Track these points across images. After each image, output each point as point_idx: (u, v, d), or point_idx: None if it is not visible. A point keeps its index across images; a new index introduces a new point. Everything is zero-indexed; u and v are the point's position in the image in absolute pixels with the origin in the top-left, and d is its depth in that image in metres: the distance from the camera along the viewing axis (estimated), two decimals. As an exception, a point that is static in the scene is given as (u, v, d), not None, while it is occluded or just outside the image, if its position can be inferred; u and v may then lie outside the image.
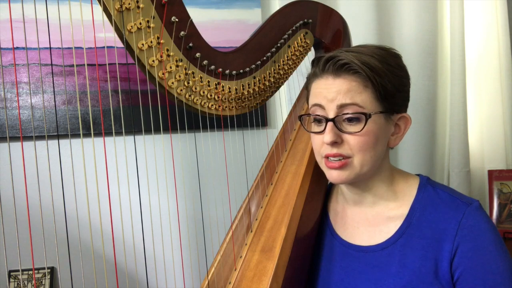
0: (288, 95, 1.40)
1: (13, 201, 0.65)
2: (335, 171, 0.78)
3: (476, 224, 0.73)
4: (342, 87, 0.75)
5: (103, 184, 0.77)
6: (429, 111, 1.58)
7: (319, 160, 0.82)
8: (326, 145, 0.77)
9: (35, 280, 1.22)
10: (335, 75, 0.77)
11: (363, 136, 0.75)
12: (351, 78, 0.75)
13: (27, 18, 1.11)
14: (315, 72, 0.81)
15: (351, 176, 0.77)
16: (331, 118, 0.76)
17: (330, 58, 0.77)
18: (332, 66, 0.77)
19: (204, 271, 0.89)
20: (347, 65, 0.75)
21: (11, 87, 1.25)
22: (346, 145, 0.76)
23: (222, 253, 0.90)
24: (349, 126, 0.76)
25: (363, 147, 0.76)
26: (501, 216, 1.52)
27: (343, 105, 0.75)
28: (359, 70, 0.74)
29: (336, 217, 0.90)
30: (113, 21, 0.72)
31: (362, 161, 0.76)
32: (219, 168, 1.03)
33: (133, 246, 0.80)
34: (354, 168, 0.77)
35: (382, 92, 0.75)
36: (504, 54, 1.59)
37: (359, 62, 0.74)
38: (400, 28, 1.55)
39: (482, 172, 1.65)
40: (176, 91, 0.83)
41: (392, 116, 0.79)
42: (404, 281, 0.74)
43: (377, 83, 0.74)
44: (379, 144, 0.78)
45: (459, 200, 0.76)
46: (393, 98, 0.77)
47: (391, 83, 0.76)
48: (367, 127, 0.75)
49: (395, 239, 0.78)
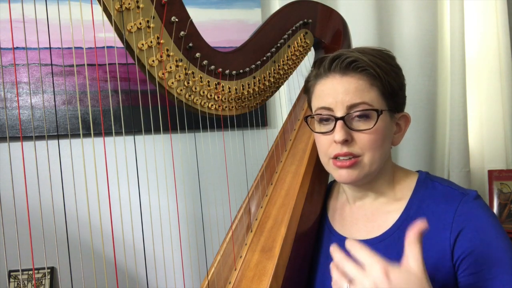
0: (288, 95, 1.40)
1: (13, 201, 0.65)
2: (344, 171, 0.77)
3: (472, 209, 0.73)
4: (350, 85, 0.76)
5: (103, 184, 0.77)
6: (429, 111, 1.58)
7: (325, 162, 0.82)
8: (335, 144, 0.77)
9: (35, 280, 1.22)
10: (342, 74, 0.77)
11: (373, 134, 0.75)
12: (358, 76, 0.76)
13: (27, 18, 1.11)
14: (319, 73, 0.81)
15: (361, 175, 0.77)
16: (340, 117, 0.76)
17: (336, 57, 0.78)
18: (340, 65, 0.77)
19: (204, 271, 0.89)
20: (355, 62, 0.76)
21: (11, 87, 1.25)
22: (356, 144, 0.76)
23: (222, 253, 0.90)
24: (359, 123, 0.76)
25: (373, 145, 0.76)
26: (501, 216, 1.52)
27: (352, 105, 0.75)
28: (367, 68, 0.75)
29: (334, 213, 0.90)
30: (113, 21, 0.72)
31: (372, 160, 0.76)
32: (219, 168, 1.03)
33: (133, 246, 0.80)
34: (363, 166, 0.77)
35: (388, 89, 0.76)
36: (504, 54, 1.59)
37: (366, 59, 0.75)
38: (400, 28, 1.55)
39: (482, 172, 1.65)
40: (176, 91, 0.83)
41: (395, 114, 0.80)
42: None
43: (385, 80, 0.75)
44: (386, 142, 0.79)
45: (456, 191, 0.77)
46: (396, 97, 0.79)
47: (395, 81, 0.78)
48: (378, 124, 0.75)
49: (392, 231, 0.78)
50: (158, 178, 0.87)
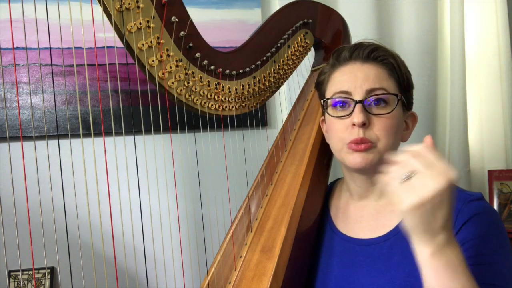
0: (288, 95, 1.40)
1: (13, 201, 0.65)
2: (359, 154, 0.77)
3: (475, 208, 0.73)
4: (370, 72, 0.78)
5: (103, 184, 0.77)
6: (429, 111, 1.58)
7: (339, 147, 0.81)
8: (351, 129, 0.77)
9: (35, 280, 1.22)
10: (363, 62, 0.80)
11: (390, 119, 0.77)
12: (378, 65, 0.79)
13: (27, 18, 1.11)
14: (336, 62, 0.83)
15: (375, 160, 0.77)
16: (359, 100, 0.77)
17: (358, 46, 0.81)
18: (362, 53, 0.80)
19: (204, 271, 0.89)
20: (375, 51, 0.79)
21: (11, 87, 1.25)
22: (372, 129, 0.77)
23: (222, 253, 0.90)
24: (378, 109, 0.77)
25: (390, 130, 0.77)
26: (501, 216, 1.52)
27: (372, 89, 0.77)
28: (387, 57, 0.78)
29: (337, 212, 0.90)
30: (113, 21, 0.72)
31: (386, 146, 0.77)
32: (219, 168, 1.03)
33: (133, 246, 0.80)
34: (378, 152, 0.77)
35: (405, 82, 0.79)
36: (504, 54, 1.59)
37: (386, 51, 0.79)
38: (400, 28, 1.55)
39: (482, 172, 1.65)
40: (176, 91, 0.83)
41: (406, 110, 0.83)
42: (406, 272, 0.74)
43: (402, 73, 0.79)
44: (398, 133, 0.80)
45: (460, 193, 0.76)
46: (409, 92, 0.82)
47: (408, 77, 0.81)
48: (395, 111, 0.77)
49: (397, 231, 0.78)
50: (158, 178, 0.87)
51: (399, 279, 0.74)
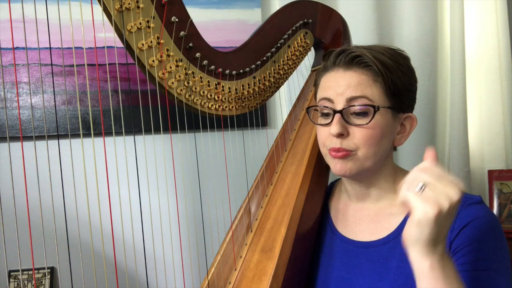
0: (288, 95, 1.40)
1: (13, 201, 0.65)
2: (338, 162, 0.78)
3: (474, 212, 0.73)
4: (352, 80, 0.77)
5: (103, 184, 0.77)
6: (429, 111, 1.58)
7: (324, 152, 0.83)
8: (332, 137, 0.78)
9: (35, 280, 1.22)
10: (346, 68, 0.78)
11: (369, 129, 0.76)
12: (361, 71, 0.77)
13: (27, 18, 1.11)
14: (326, 66, 0.82)
15: (354, 168, 0.78)
16: (338, 110, 0.77)
17: (342, 51, 0.79)
18: (344, 59, 0.78)
19: (204, 271, 0.89)
20: (359, 57, 0.77)
21: (11, 87, 1.25)
22: (351, 139, 0.77)
23: (222, 253, 0.90)
24: (356, 119, 0.77)
25: (369, 140, 0.76)
26: (501, 216, 1.52)
27: (352, 98, 0.76)
28: (370, 63, 0.76)
29: (337, 214, 0.90)
30: (113, 21, 0.72)
31: (366, 155, 0.77)
32: (219, 168, 1.03)
33: (133, 246, 0.80)
34: (357, 160, 0.77)
35: (391, 87, 0.77)
36: (504, 54, 1.59)
37: (371, 56, 0.76)
38: (400, 28, 1.55)
39: (482, 172, 1.65)
40: (176, 91, 0.83)
41: (399, 114, 0.80)
42: (405, 276, 0.74)
43: (387, 77, 0.76)
44: (385, 140, 0.78)
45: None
46: (401, 96, 0.79)
47: (400, 80, 0.78)
48: (375, 120, 0.75)
49: (396, 234, 0.78)
50: (158, 178, 0.87)
51: (398, 282, 0.74)
